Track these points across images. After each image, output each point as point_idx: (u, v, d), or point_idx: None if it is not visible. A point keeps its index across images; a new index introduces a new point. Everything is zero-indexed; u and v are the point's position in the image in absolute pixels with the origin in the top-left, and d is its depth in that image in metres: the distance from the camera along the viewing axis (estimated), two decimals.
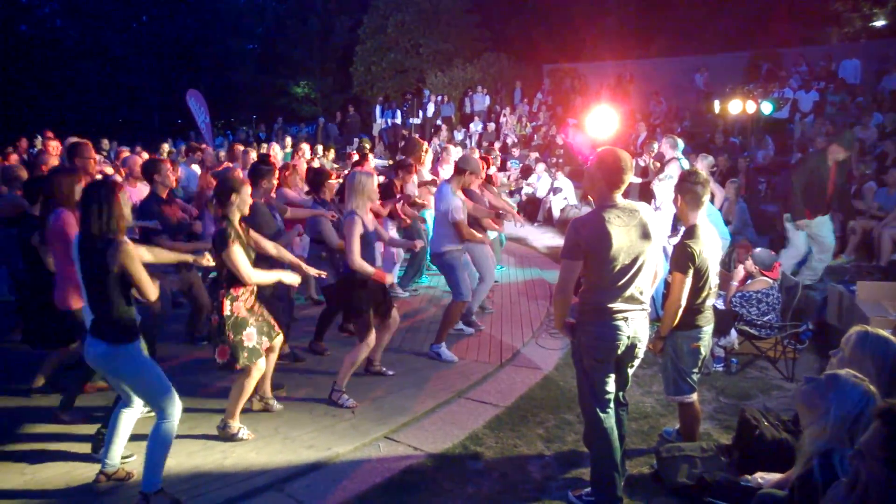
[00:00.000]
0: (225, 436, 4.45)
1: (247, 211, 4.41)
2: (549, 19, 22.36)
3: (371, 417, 4.82)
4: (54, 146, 8.70)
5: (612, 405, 3.76)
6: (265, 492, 3.88)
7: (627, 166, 3.57)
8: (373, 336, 5.03)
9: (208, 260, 4.30)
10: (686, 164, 9.46)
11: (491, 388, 5.44)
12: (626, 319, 3.59)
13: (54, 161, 7.66)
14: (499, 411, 5.00)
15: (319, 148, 15.25)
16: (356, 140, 19.20)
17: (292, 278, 4.59)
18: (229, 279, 4.27)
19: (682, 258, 3.98)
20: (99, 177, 6.63)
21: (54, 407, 4.79)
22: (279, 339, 4.68)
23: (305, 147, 11.12)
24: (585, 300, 3.68)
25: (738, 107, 12.43)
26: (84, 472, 4.01)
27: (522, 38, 23.25)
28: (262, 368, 4.48)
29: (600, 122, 11.45)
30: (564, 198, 13.09)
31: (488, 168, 7.71)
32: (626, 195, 3.64)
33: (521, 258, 10.51)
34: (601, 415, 3.71)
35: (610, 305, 3.56)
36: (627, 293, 3.57)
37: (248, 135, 23.42)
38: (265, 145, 11.80)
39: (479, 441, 4.54)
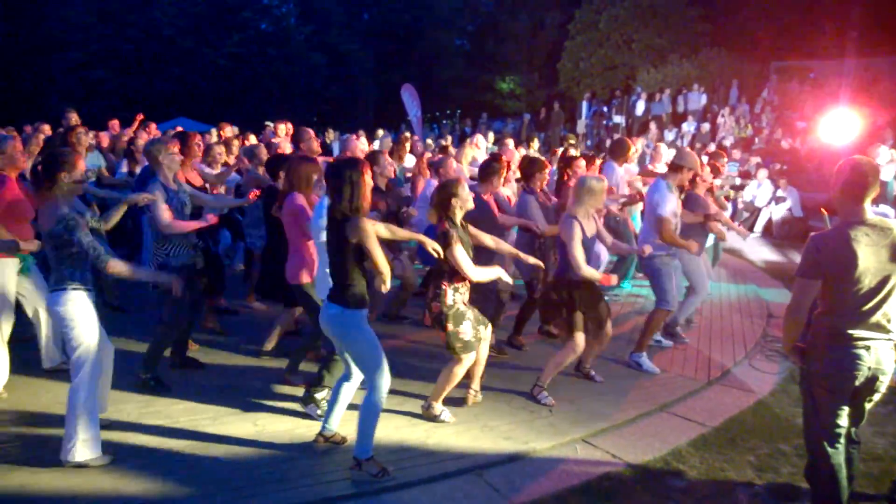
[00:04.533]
0: (428, 416, 4.65)
1: (469, 206, 4.56)
2: (780, 12, 20.52)
3: (569, 418, 4.78)
4: (283, 129, 9.68)
5: (842, 441, 3.43)
6: (464, 475, 3.99)
7: (872, 178, 3.24)
8: (580, 340, 4.96)
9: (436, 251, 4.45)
10: None
11: (696, 406, 5.15)
12: (867, 348, 3.25)
13: (284, 142, 8.57)
14: (705, 431, 4.72)
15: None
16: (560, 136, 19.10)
17: (507, 278, 4.67)
18: (451, 271, 4.44)
19: None
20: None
21: (282, 369, 5.33)
22: (489, 330, 4.80)
23: (510, 142, 11.25)
24: (821, 324, 3.38)
25: None
26: (305, 431, 4.40)
27: (748, 32, 21.59)
28: (472, 359, 4.63)
29: (837, 126, 10.36)
30: (788, 208, 12.00)
31: (716, 176, 7.19)
32: None
33: (734, 272, 9.81)
34: (829, 450, 3.39)
35: (850, 332, 3.25)
36: (872, 319, 3.24)
37: (454, 129, 24.24)
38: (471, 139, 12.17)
39: (682, 459, 4.32)
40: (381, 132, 12.17)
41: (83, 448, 3.84)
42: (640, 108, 20.34)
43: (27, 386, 4.98)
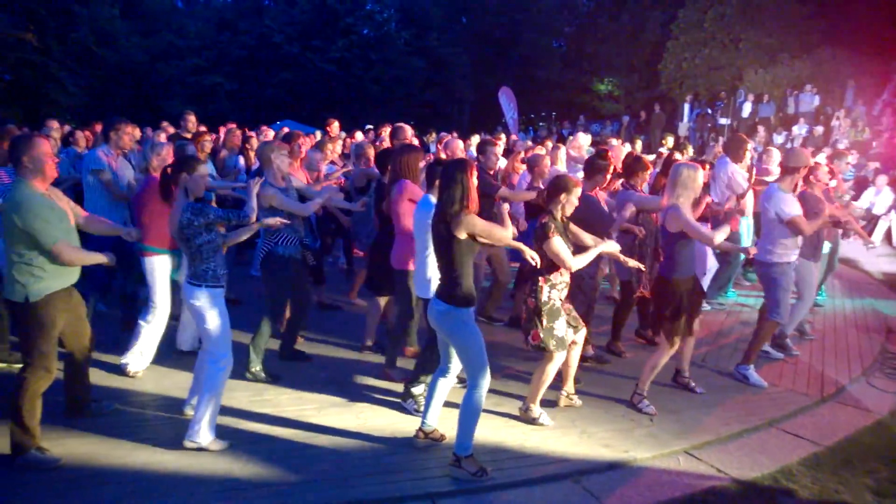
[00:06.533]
0: (526, 418, 4.66)
1: (570, 211, 4.53)
2: None
3: (670, 429, 4.66)
4: (387, 131, 9.92)
5: None
6: (562, 480, 3.98)
7: None
8: (678, 342, 4.84)
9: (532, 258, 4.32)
10: None
11: (808, 423, 4.91)
12: None
13: (387, 142, 8.80)
14: (817, 449, 4.50)
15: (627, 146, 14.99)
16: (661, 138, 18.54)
17: (612, 246, 4.59)
18: (548, 266, 4.43)
19: None
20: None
21: (383, 363, 5.48)
22: (582, 333, 4.76)
23: (615, 142, 10.99)
24: None
25: None
26: (405, 426, 4.52)
27: (867, 30, 20.20)
28: (563, 358, 4.61)
29: None
30: None
31: (833, 178, 6.82)
32: None
33: (850, 283, 9.25)
34: None
35: None
36: None
37: (551, 132, 24.02)
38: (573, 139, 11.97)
39: (793, 477, 4.13)
40: (475, 138, 12.14)
41: (205, 431, 4.10)
42: (747, 109, 19.44)
43: (152, 370, 5.36)
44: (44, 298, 3.90)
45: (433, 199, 4.37)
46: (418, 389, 4.78)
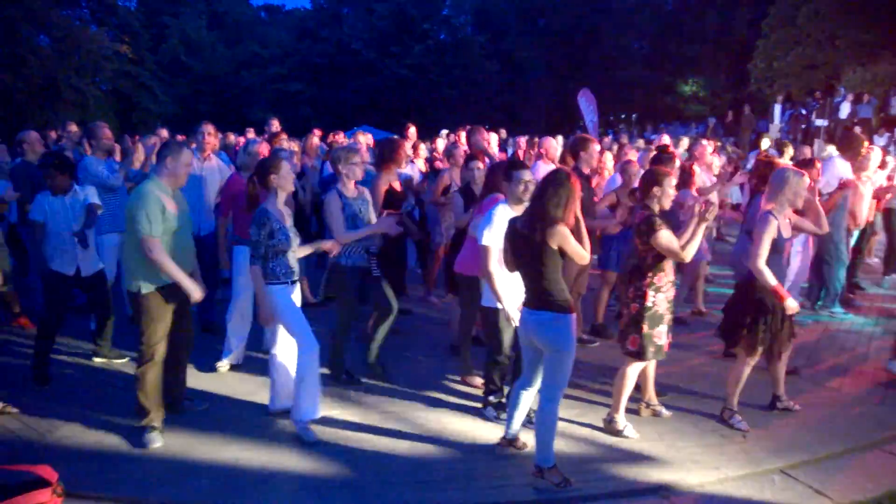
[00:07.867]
0: (610, 430, 4.53)
1: (667, 205, 4.38)
2: None
3: (764, 446, 4.42)
4: (464, 136, 9.95)
5: None
6: (649, 495, 3.85)
7: None
8: (758, 353, 4.58)
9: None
10: None
11: None
12: None
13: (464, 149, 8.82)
14: None
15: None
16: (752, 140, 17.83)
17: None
18: (652, 265, 4.29)
19: None
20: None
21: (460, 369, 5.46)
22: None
23: (704, 142, 10.55)
24: None
25: None
26: (486, 433, 4.49)
27: None
28: (643, 364, 4.48)
29: None
30: None
31: None
32: None
33: None
34: None
35: None
36: None
37: (632, 134, 23.51)
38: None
39: None
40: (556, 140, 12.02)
41: (306, 410, 4.34)
42: (845, 110, 18.43)
43: (238, 370, 5.55)
44: (154, 291, 4.18)
45: (507, 209, 4.29)
46: (494, 397, 4.73)
